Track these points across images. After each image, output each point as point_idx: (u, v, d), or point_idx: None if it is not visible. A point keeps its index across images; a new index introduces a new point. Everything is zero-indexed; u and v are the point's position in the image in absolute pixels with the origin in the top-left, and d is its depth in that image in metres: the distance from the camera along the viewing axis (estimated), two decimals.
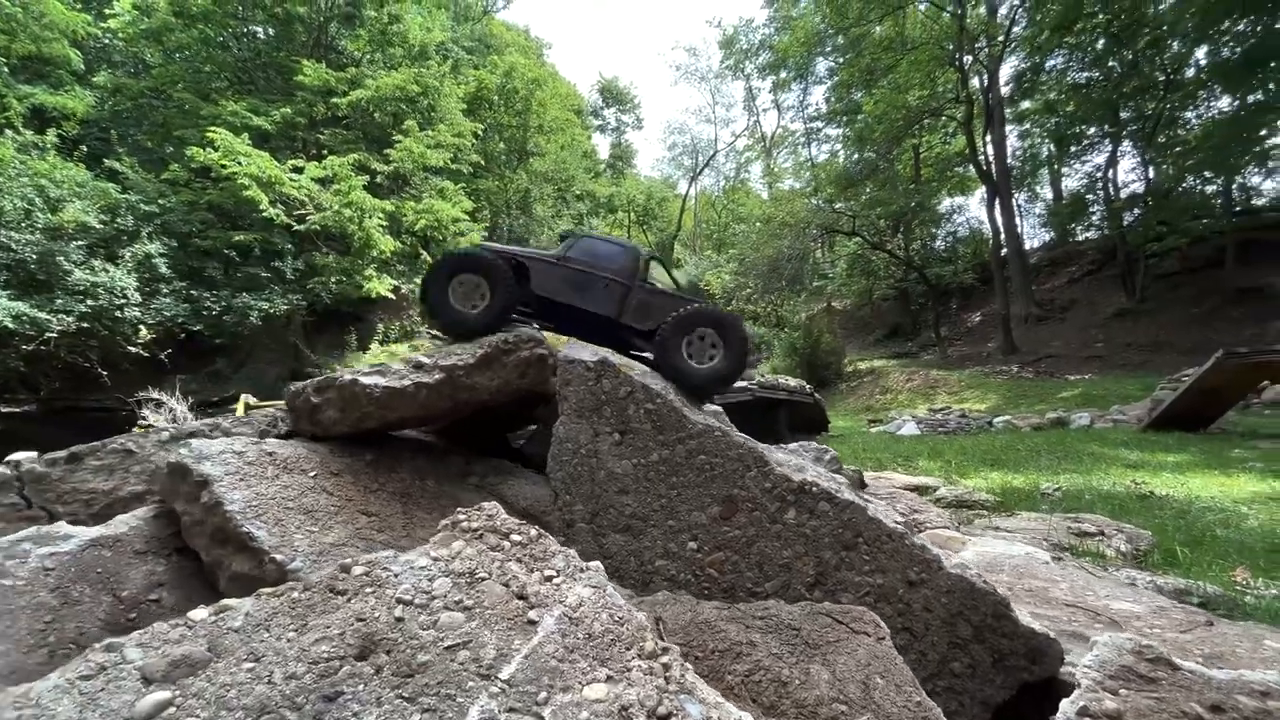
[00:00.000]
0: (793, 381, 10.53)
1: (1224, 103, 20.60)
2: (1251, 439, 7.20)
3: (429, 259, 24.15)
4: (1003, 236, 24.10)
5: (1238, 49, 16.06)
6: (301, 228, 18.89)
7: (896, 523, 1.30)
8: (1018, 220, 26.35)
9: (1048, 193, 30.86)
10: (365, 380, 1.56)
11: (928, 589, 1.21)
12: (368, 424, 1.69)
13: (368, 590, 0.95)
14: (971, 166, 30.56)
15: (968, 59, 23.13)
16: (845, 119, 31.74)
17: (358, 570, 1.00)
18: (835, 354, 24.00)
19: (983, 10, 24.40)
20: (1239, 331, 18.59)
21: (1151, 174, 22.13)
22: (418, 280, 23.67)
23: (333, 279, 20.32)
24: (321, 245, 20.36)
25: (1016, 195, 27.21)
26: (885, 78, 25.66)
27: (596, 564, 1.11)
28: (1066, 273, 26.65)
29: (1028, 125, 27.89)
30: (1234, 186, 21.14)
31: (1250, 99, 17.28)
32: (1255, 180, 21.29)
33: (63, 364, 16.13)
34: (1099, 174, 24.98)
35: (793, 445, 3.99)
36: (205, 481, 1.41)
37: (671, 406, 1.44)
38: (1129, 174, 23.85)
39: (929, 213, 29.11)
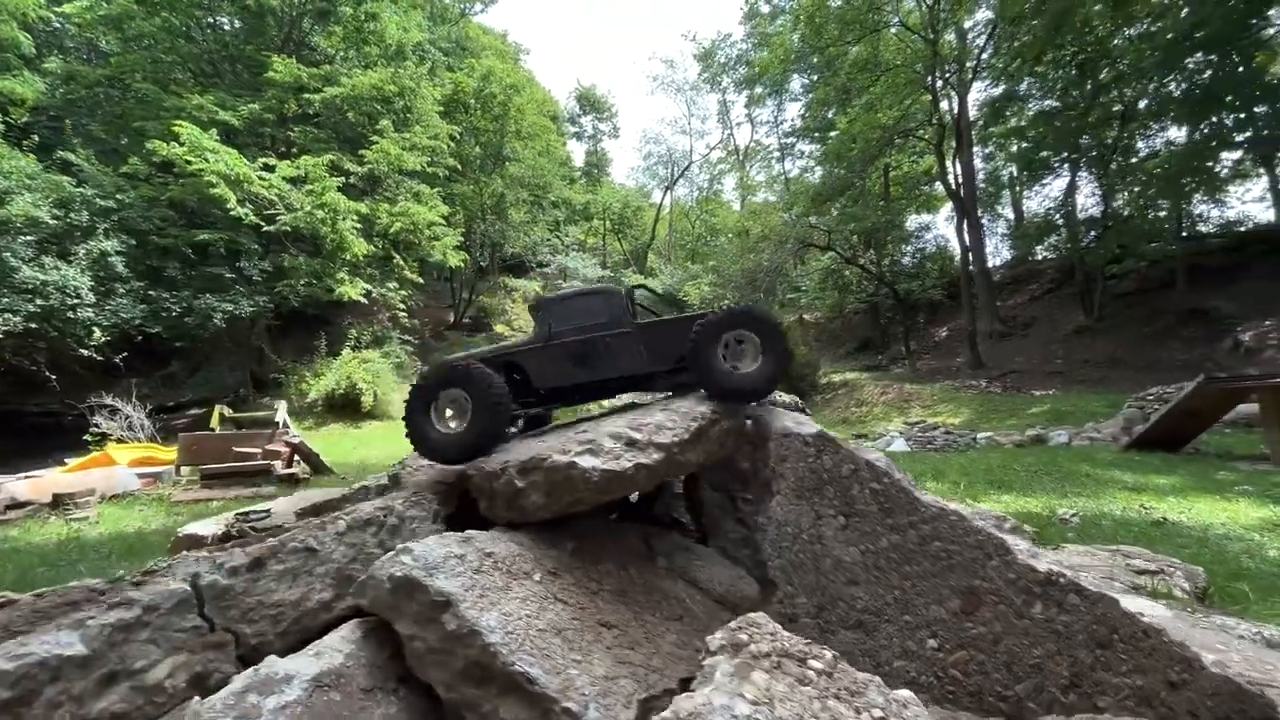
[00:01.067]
0: (785, 397, 10.59)
1: (1174, 134, 21.89)
2: (1229, 460, 7.54)
3: (401, 262, 23.58)
4: (970, 255, 24.89)
5: (1195, 84, 17.02)
6: (271, 228, 18.17)
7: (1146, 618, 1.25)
8: (984, 239, 27.26)
9: (1009, 213, 32.04)
10: (583, 464, 1.39)
11: (1191, 690, 1.14)
12: (577, 509, 1.55)
13: None
14: (939, 186, 31.63)
15: (940, 83, 23.89)
16: (818, 135, 32.48)
17: None
18: (810, 366, 24.35)
19: (953, 37, 25.29)
20: (1189, 350, 19.62)
21: (1109, 199, 23.19)
22: (391, 284, 23.05)
23: (301, 281, 19.62)
24: (290, 246, 19.63)
25: (982, 215, 28.17)
26: (860, 98, 26.33)
27: (906, 693, 0.99)
28: (1028, 290, 27.71)
29: (992, 149, 28.96)
30: (1183, 214, 22.31)
31: (1201, 132, 18.32)
32: (1202, 209, 22.51)
33: (6, 367, 15.08)
34: (1060, 197, 26.06)
35: None
36: (447, 603, 1.19)
37: (900, 486, 1.34)
38: (1088, 198, 24.91)
39: (898, 230, 29.94)
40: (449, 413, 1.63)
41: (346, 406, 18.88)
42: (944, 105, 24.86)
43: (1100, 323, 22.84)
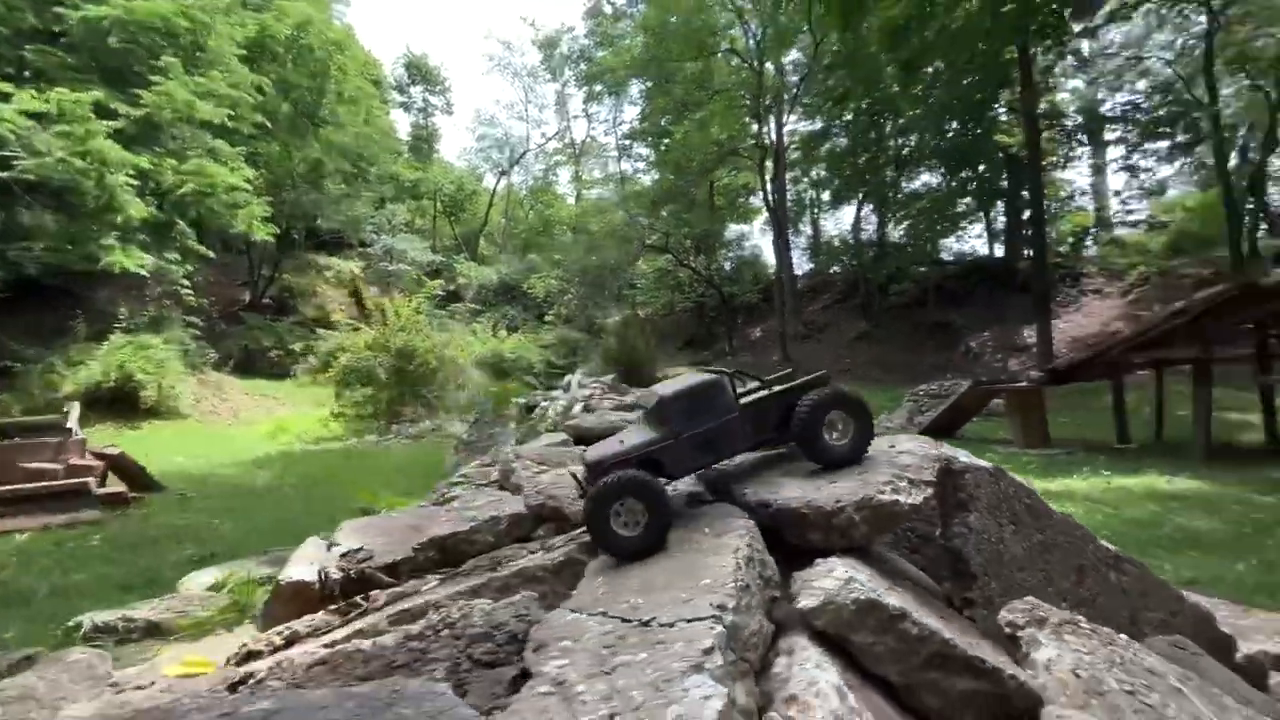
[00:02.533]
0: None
1: (930, 179, 27.40)
2: (987, 443, 9.95)
3: (185, 229, 19.85)
4: (781, 265, 28.39)
5: (951, 144, 21.45)
6: (4, 175, 14.12)
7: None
8: (790, 252, 31.22)
9: (809, 230, 36.95)
10: (901, 499, 1.51)
11: (1182, 618, 1.81)
12: (885, 535, 1.65)
13: None
14: (754, 199, 35.40)
15: (761, 110, 26.72)
16: (653, 140, 34.26)
17: None
18: (648, 360, 25.75)
19: (772, 69, 28.42)
20: (937, 355, 24.76)
21: (885, 228, 28.14)
22: (171, 256, 19.20)
23: (42, 245, 15.63)
24: (32, 200, 15.44)
25: (790, 230, 32.17)
26: (696, 112, 28.34)
27: (1123, 638, 1.42)
28: (823, 299, 32.40)
29: (799, 174, 33.22)
30: (935, 244, 27.96)
31: (949, 182, 23.21)
32: (945, 241, 28.42)
33: None
34: (851, 223, 30.85)
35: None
36: (903, 614, 1.05)
37: (1036, 498, 1.82)
38: (870, 225, 29.78)
39: (717, 238, 32.99)
40: (625, 519, 1.78)
41: (118, 402, 15.50)
42: (766, 129, 27.88)
43: (877, 329, 27.72)
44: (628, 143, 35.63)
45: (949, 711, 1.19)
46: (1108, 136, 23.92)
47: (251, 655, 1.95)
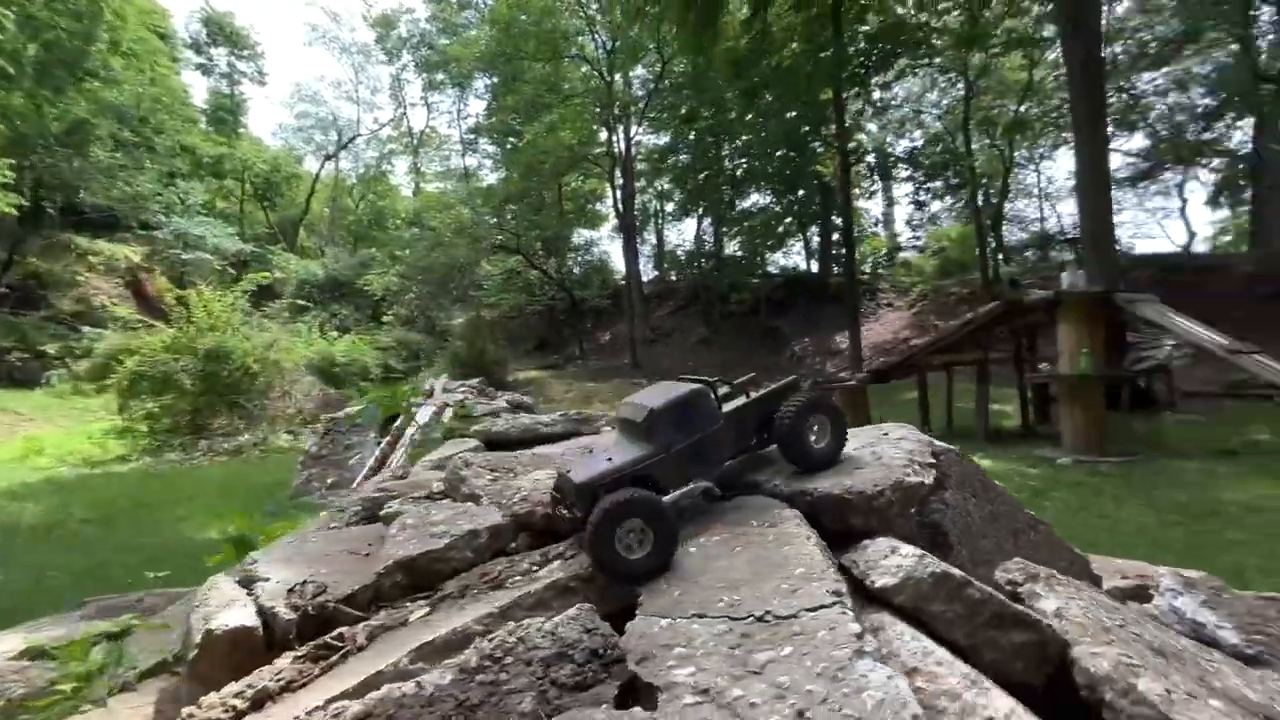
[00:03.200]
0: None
1: (757, 199, 30.24)
2: None
3: None
4: (630, 271, 29.33)
5: (779, 168, 23.88)
6: None
7: None
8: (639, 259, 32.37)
9: (653, 238, 38.60)
10: (923, 479, 1.61)
11: (1078, 567, 2.25)
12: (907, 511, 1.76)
13: None
14: (601, 206, 36.18)
15: (611, 119, 27.40)
16: (499, 137, 33.38)
17: None
18: (500, 364, 24.98)
19: (622, 81, 29.29)
20: (768, 358, 27.29)
21: (722, 241, 30.43)
22: None
23: None
24: None
25: (638, 238, 33.34)
26: (547, 114, 28.16)
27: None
28: (667, 305, 34.10)
29: (643, 183, 34.60)
30: (764, 258, 30.89)
31: (780, 203, 25.86)
32: (773, 256, 31.55)
33: None
34: (692, 232, 32.85)
35: None
36: (968, 581, 1.37)
37: (985, 475, 2.07)
38: (709, 237, 31.94)
39: (566, 241, 33.17)
40: (630, 541, 1.73)
41: None
42: (616, 138, 28.61)
43: (716, 335, 29.86)
44: (473, 137, 34.26)
45: (1003, 663, 1.39)
46: (901, 174, 28.35)
47: None
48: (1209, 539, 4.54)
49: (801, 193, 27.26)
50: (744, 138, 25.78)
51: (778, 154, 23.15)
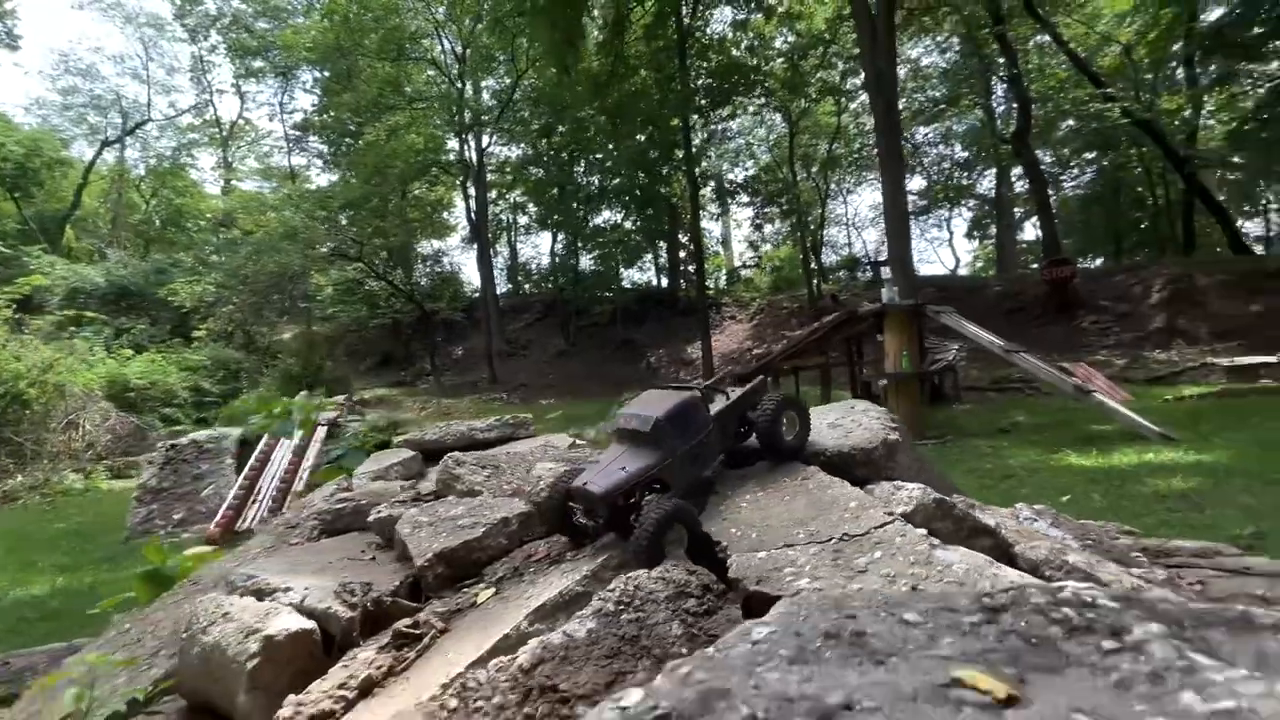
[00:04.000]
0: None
1: (609, 215, 31.36)
2: None
3: None
4: (485, 282, 28.66)
5: (631, 188, 25.05)
6: None
7: None
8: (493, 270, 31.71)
9: (506, 250, 38.05)
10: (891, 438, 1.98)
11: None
12: None
13: None
14: (450, 215, 34.91)
15: (466, 126, 26.72)
16: (334, 137, 30.74)
17: None
18: (340, 382, 22.93)
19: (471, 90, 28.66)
20: (624, 369, 28.28)
21: (577, 255, 30.97)
22: None
23: None
24: None
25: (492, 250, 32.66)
26: (389, 116, 26.61)
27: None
28: (524, 318, 33.77)
29: (496, 195, 34.04)
30: (616, 272, 32.00)
31: (633, 220, 27.11)
32: (630, 271, 32.83)
33: None
34: (546, 245, 32.95)
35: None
36: (974, 506, 1.38)
37: None
38: (565, 250, 32.27)
39: (410, 250, 31.50)
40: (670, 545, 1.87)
41: None
42: (468, 147, 27.87)
43: (574, 347, 30.25)
44: (299, 134, 31.06)
45: None
46: (740, 200, 31.23)
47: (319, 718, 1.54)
48: (1012, 492, 5.90)
49: (650, 212, 28.85)
50: (598, 156, 26.67)
51: (631, 174, 24.30)
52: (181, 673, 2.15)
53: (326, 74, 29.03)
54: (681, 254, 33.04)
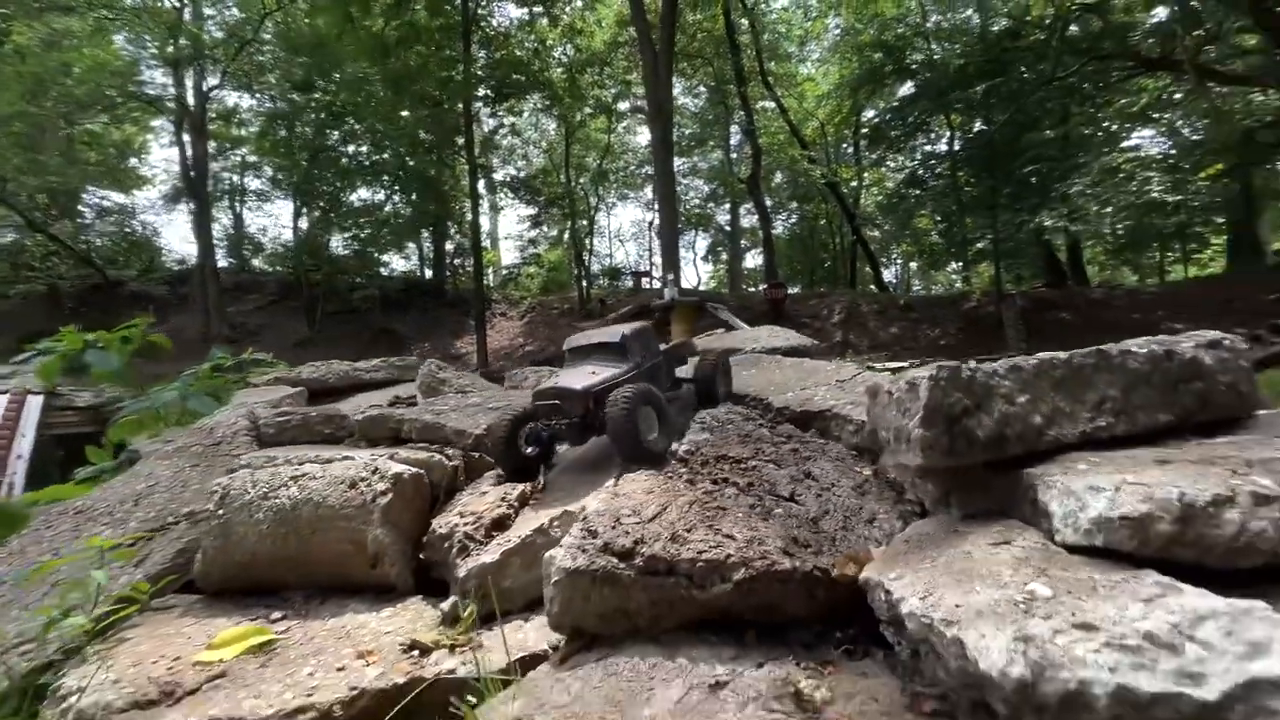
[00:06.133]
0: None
1: (366, 195, 28.57)
2: None
3: None
4: (209, 254, 23.69)
5: (397, 167, 23.37)
6: None
7: None
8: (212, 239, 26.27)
9: (227, 218, 31.63)
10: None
11: None
12: None
13: None
14: (143, 164, 27.94)
15: (184, 57, 21.78)
16: None
17: None
18: None
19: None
20: (384, 357, 26.15)
21: (327, 235, 27.54)
22: None
23: None
24: None
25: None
26: (55, 19, 20.27)
27: None
28: (253, 299, 28.52)
29: (215, 148, 28.21)
30: (375, 257, 29.30)
31: (399, 203, 25.27)
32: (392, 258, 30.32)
33: None
34: (286, 217, 28.52)
35: None
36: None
37: None
38: (309, 225, 28.36)
39: (76, 198, 24.41)
40: (643, 426, 1.95)
41: None
42: (187, 85, 22.69)
43: (320, 334, 26.65)
44: None
45: None
46: (512, 198, 31.31)
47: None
48: None
49: (415, 196, 27.13)
50: (363, 125, 24.21)
51: (403, 152, 22.74)
52: (224, 549, 1.95)
53: None
54: (449, 245, 31.79)
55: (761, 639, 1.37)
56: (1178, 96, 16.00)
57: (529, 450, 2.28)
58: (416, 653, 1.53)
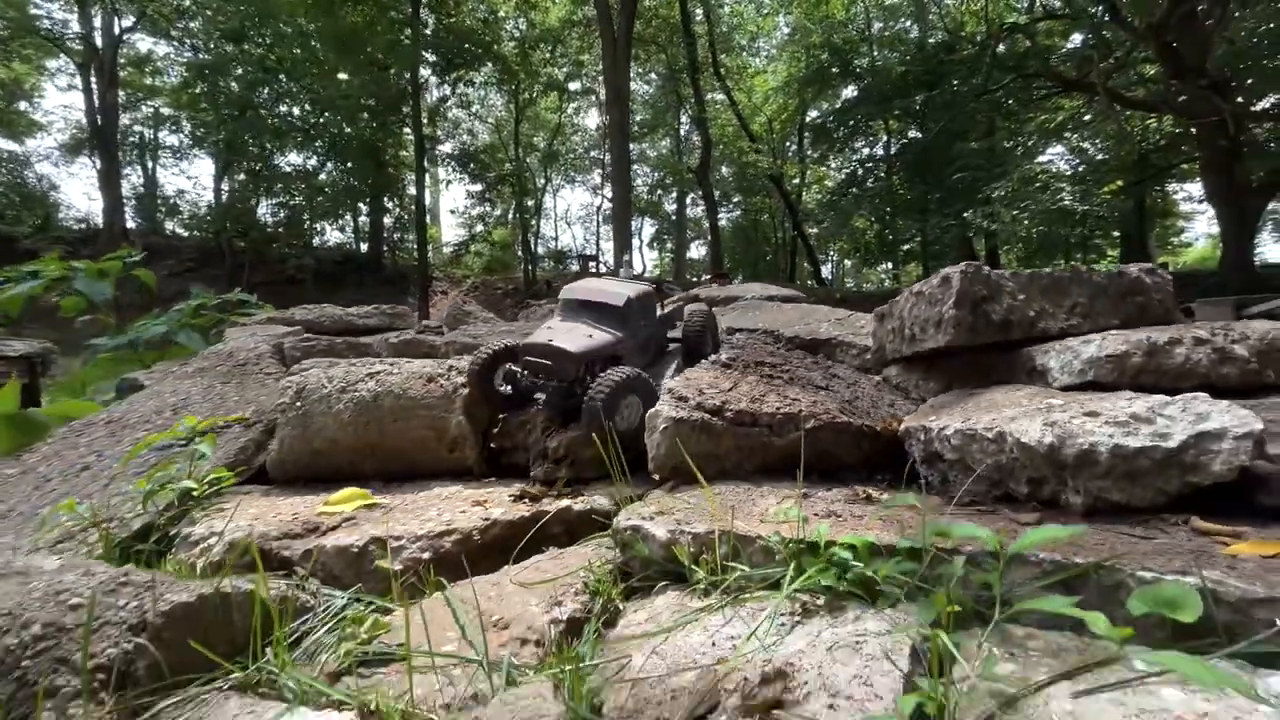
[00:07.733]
0: None
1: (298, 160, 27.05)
2: None
3: None
4: (117, 212, 21.84)
5: (340, 134, 22.32)
6: None
7: None
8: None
9: (138, 175, 29.12)
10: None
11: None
12: None
13: None
14: (35, 109, 25.55)
15: None
16: None
17: None
18: None
19: None
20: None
21: (254, 198, 25.92)
22: None
23: None
24: None
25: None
26: None
27: None
28: (167, 264, 26.43)
29: (125, 97, 25.88)
30: (307, 226, 27.86)
31: (336, 172, 24.17)
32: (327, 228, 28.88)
33: None
34: (204, 176, 26.58)
35: None
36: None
37: None
38: (232, 187, 26.68)
39: None
40: (622, 413, 1.93)
41: None
42: (95, 26, 20.74)
43: None
44: None
45: None
46: (457, 173, 30.40)
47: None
48: None
49: (353, 164, 25.93)
50: (299, 84, 22.92)
51: (342, 116, 21.74)
52: (303, 437, 2.10)
53: None
54: (388, 220, 30.64)
55: (823, 479, 1.73)
56: (1088, 118, 17.76)
57: (504, 389, 2.23)
58: (527, 500, 1.77)
